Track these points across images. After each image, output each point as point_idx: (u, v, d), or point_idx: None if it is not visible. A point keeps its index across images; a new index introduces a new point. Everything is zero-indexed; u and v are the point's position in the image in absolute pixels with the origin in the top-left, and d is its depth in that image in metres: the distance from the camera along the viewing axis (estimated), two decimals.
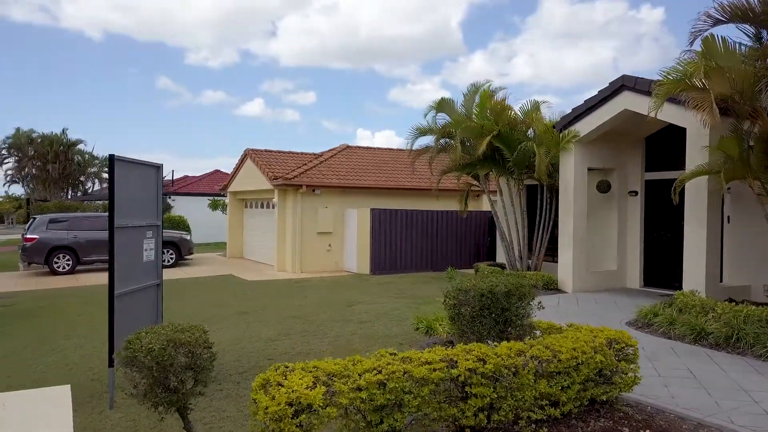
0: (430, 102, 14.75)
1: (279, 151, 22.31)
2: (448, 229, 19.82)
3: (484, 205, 21.30)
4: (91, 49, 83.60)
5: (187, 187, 36.48)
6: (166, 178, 39.02)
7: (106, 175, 44.90)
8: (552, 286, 13.97)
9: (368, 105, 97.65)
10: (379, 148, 24.07)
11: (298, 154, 22.47)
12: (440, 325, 9.21)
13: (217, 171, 38.38)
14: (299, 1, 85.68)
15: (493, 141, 14.27)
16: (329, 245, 19.64)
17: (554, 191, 14.80)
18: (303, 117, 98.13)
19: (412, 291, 14.33)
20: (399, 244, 18.84)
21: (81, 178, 57.51)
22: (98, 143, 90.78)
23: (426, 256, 19.36)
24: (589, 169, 13.95)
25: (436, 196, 18.03)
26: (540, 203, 15.27)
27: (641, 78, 11.97)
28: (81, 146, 56.28)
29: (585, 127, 13.42)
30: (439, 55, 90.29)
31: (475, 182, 16.99)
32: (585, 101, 13.32)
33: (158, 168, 7.64)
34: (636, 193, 14.48)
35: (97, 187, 57.29)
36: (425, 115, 15.76)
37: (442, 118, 15.68)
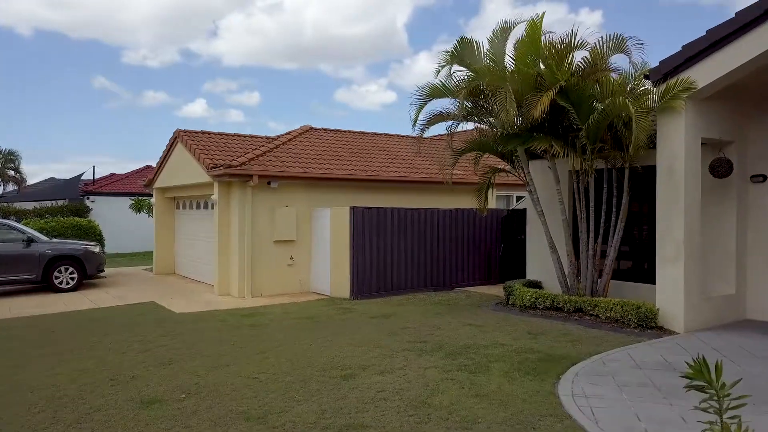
0: (441, 52, 9.51)
1: (220, 133, 16.75)
2: (453, 233, 14.71)
3: (489, 201, 16.27)
4: (22, 47, 75.76)
5: (111, 185, 30.41)
6: (85, 177, 32.83)
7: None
8: (650, 323, 9.02)
9: (315, 106, 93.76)
10: (351, 131, 18.78)
11: (245, 137, 16.96)
12: None
13: (148, 167, 32.23)
14: (242, 0, 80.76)
15: (557, 99, 9.21)
16: (291, 258, 14.25)
17: (623, 178, 9.90)
18: (248, 118, 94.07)
19: (432, 333, 9.11)
20: (390, 254, 13.62)
21: None
22: (32, 146, 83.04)
23: (424, 269, 14.20)
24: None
25: (449, 188, 13.04)
26: (607, 196, 10.33)
27: None
28: None
29: (705, 73, 8.53)
30: (385, 56, 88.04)
31: (504, 166, 11.90)
32: (708, 32, 8.43)
33: None
34: (764, 178, 9.70)
35: None
36: (437, 73, 10.59)
37: (461, 74, 10.49)
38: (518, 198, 19.10)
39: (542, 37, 9.70)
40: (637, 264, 11.14)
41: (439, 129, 18.06)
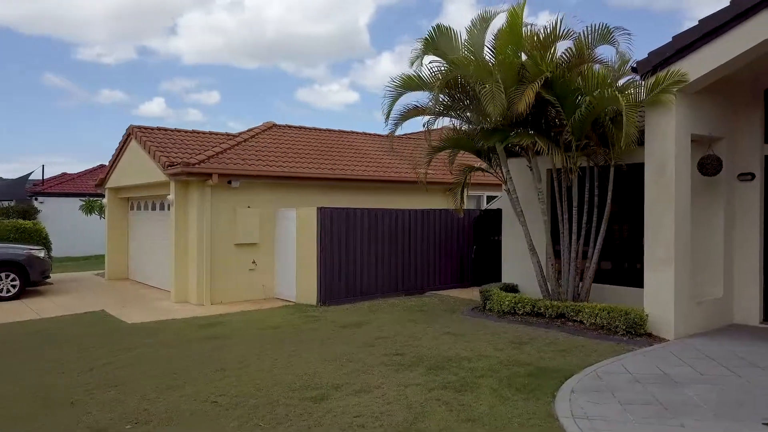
0: (416, 40, 8.48)
1: (177, 130, 15.73)
2: (425, 234, 14.05)
3: (452, 202, 15.68)
4: None
5: (62, 185, 28.83)
6: (35, 176, 31.09)
7: None
8: (639, 330, 8.50)
9: (276, 105, 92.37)
10: (317, 129, 17.95)
11: (205, 133, 15.99)
12: None
13: (101, 166, 30.68)
14: None
15: (541, 92, 8.62)
16: (254, 262, 13.38)
17: (606, 176, 9.41)
18: (207, 117, 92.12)
19: (409, 344, 8.41)
20: (359, 257, 12.87)
21: None
22: None
23: (395, 273, 13.49)
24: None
25: (421, 187, 12.24)
26: (588, 195, 9.81)
27: None
28: None
29: (697, 65, 8.06)
30: (347, 56, 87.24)
31: (481, 164, 11.29)
32: (701, 21, 7.95)
33: None
34: (752, 176, 9.31)
35: None
36: (411, 63, 9.90)
37: (437, 64, 9.81)
38: (489, 198, 18.58)
39: (524, 28, 9.10)
40: (620, 266, 10.67)
41: (411, 126, 17.43)
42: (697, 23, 7.95)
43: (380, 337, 8.90)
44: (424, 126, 10.41)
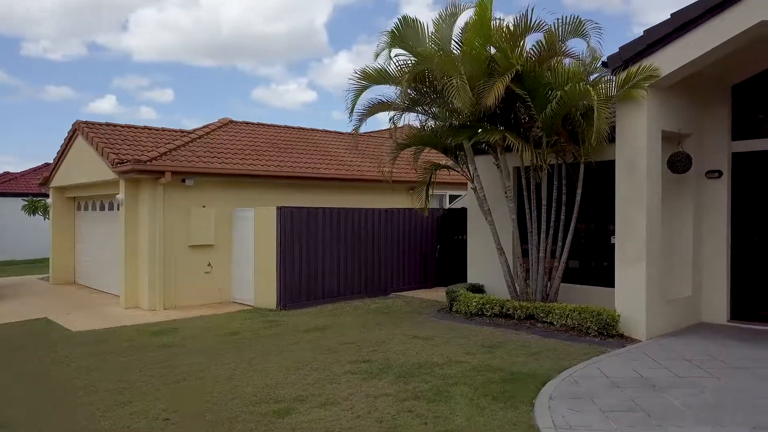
0: (382, 32, 7.32)
1: (128, 126, 14.91)
2: (389, 234, 13.67)
3: (416, 201, 15.36)
4: None
5: (5, 185, 27.37)
6: None
7: None
8: (611, 330, 8.30)
9: (231, 104, 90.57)
10: (276, 125, 17.36)
11: (157, 130, 15.21)
12: None
13: (47, 164, 29.26)
14: None
15: (512, 86, 8.32)
16: (209, 265, 12.76)
17: (575, 174, 9.23)
18: (160, 115, 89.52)
19: (376, 350, 8.00)
20: (321, 258, 12.39)
21: None
22: None
23: (358, 274, 13.06)
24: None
25: (384, 186, 11.88)
26: (557, 194, 9.59)
27: None
28: None
29: (669, 60, 7.90)
30: (304, 55, 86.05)
31: (446, 161, 10.97)
32: (673, 15, 7.79)
33: None
34: (719, 173, 9.25)
35: None
36: (376, 56, 9.50)
37: (404, 58, 9.42)
38: (452, 197, 18.34)
39: (493, 21, 8.80)
40: (589, 266, 10.51)
41: (374, 124, 17.01)
42: (668, 17, 7.79)
43: (345, 342, 8.46)
44: (390, 121, 10.04)
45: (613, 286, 9.56)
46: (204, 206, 12.67)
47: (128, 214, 12.47)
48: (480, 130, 9.12)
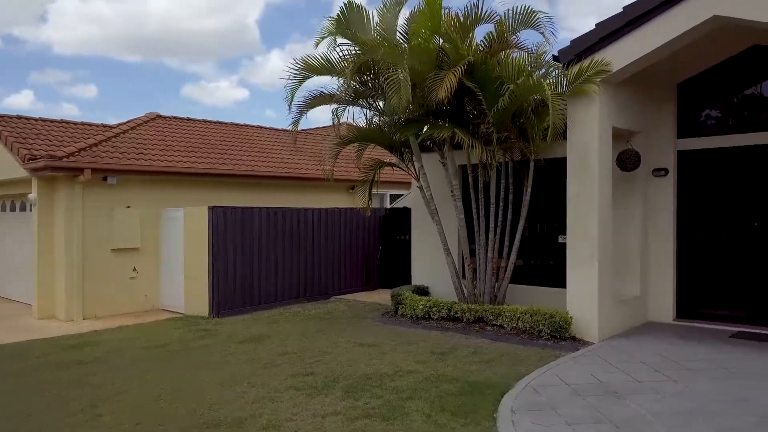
0: (325, 18, 6.81)
1: (43, 119, 13.67)
2: (329, 235, 13.06)
3: (357, 201, 14.86)
4: None
5: None
6: None
7: None
8: (563, 333, 8.04)
9: (160, 101, 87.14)
10: (208, 121, 16.43)
11: (76, 124, 14.04)
12: None
13: None
14: None
15: (463, 79, 7.91)
16: (134, 270, 11.79)
17: (524, 172, 8.97)
18: (83, 112, 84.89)
19: (319, 360, 7.40)
20: (257, 261, 11.65)
21: None
22: None
23: (297, 277, 12.38)
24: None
25: (325, 185, 11.33)
26: (504, 192, 9.29)
27: None
28: None
29: (621, 55, 7.70)
30: (236, 52, 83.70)
31: (391, 159, 10.50)
32: (626, 8, 7.59)
33: None
34: (666, 171, 9.17)
35: None
36: (317, 44, 8.91)
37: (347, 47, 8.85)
38: (393, 197, 17.92)
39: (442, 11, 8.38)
40: (538, 266, 10.29)
41: (313, 121, 16.32)
42: (621, 10, 7.59)
43: (286, 353, 7.82)
44: (333, 114, 9.44)
45: (561, 286, 9.35)
46: (129, 207, 11.69)
47: (42, 216, 11.33)
48: (428, 126, 8.69)
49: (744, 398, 5.60)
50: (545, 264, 10.17)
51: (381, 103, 9.41)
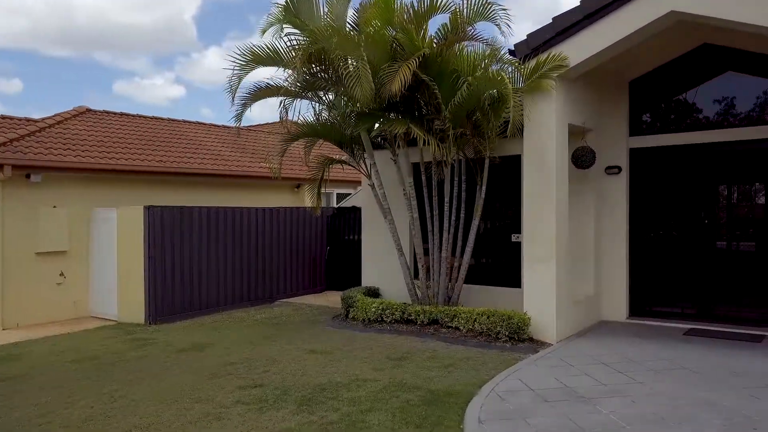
0: (272, 3, 6.39)
1: None
2: (274, 235, 12.49)
3: (307, 200, 14.39)
4: None
5: None
6: None
7: None
8: (522, 335, 7.82)
9: (90, 98, 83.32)
10: (143, 116, 15.51)
11: None
12: None
13: None
14: None
15: (418, 72, 7.56)
16: (62, 274, 10.91)
17: (478, 170, 8.73)
18: (7, 107, 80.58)
19: (268, 370, 6.90)
20: (198, 264, 10.97)
21: None
22: None
23: (240, 280, 11.76)
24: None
25: (277, 181, 10.73)
26: (457, 190, 9.01)
27: None
28: None
29: (578, 49, 7.55)
30: (171, 49, 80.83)
31: (340, 156, 10.05)
32: (583, 1, 7.43)
33: None
34: (618, 169, 9.12)
35: None
36: (263, 32, 8.37)
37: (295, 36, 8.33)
38: (341, 196, 17.47)
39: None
40: (492, 265, 10.07)
41: (249, 120, 15.68)
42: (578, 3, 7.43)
43: (231, 362, 7.27)
44: (280, 106, 8.90)
45: (516, 285, 9.21)
46: (55, 206, 10.79)
47: None
48: (382, 121, 8.30)
49: (710, 401, 5.48)
50: (499, 263, 9.97)
51: (332, 96, 8.96)
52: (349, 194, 16.67)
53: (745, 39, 7.73)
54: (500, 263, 9.95)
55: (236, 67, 8.24)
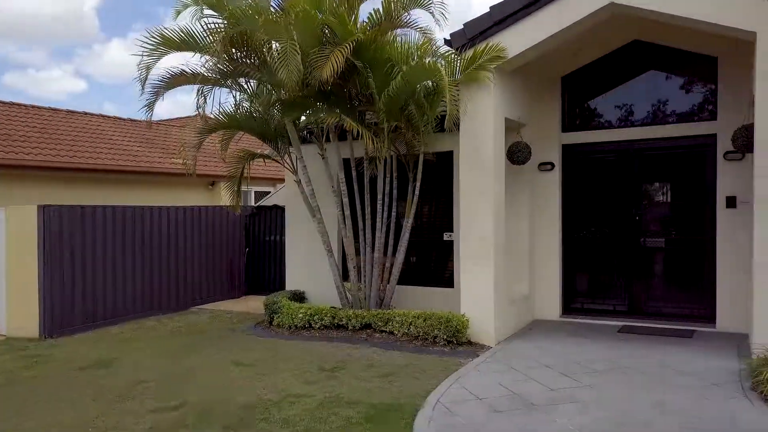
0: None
1: None
2: (187, 237, 11.51)
3: (223, 198, 13.54)
4: None
5: None
6: None
7: None
8: (460, 338, 7.45)
9: None
10: (37, 106, 14.03)
11: None
12: None
13: None
14: None
15: (351, 58, 7.01)
16: None
17: (411, 166, 8.34)
18: None
19: (186, 388, 6.13)
20: (101, 269, 9.88)
21: None
22: None
23: (150, 286, 10.72)
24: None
25: (191, 177, 9.81)
26: (389, 188, 8.56)
27: None
28: None
29: (517, 41, 7.26)
30: (70, 40, 75.79)
31: (263, 149, 9.34)
32: None
33: None
34: (552, 166, 8.97)
35: None
36: (177, 15, 7.54)
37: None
38: (259, 194, 16.60)
39: None
40: (423, 266, 9.70)
41: (158, 115, 14.52)
42: None
43: (142, 380, 6.43)
44: (197, 94, 8.07)
45: (449, 286, 8.90)
46: None
47: None
48: (310, 112, 7.68)
49: (660, 402, 5.30)
50: (432, 263, 9.63)
51: (254, 85, 8.24)
52: (269, 192, 15.87)
53: (675, 34, 7.75)
54: (433, 263, 9.62)
55: (145, 53, 7.36)
